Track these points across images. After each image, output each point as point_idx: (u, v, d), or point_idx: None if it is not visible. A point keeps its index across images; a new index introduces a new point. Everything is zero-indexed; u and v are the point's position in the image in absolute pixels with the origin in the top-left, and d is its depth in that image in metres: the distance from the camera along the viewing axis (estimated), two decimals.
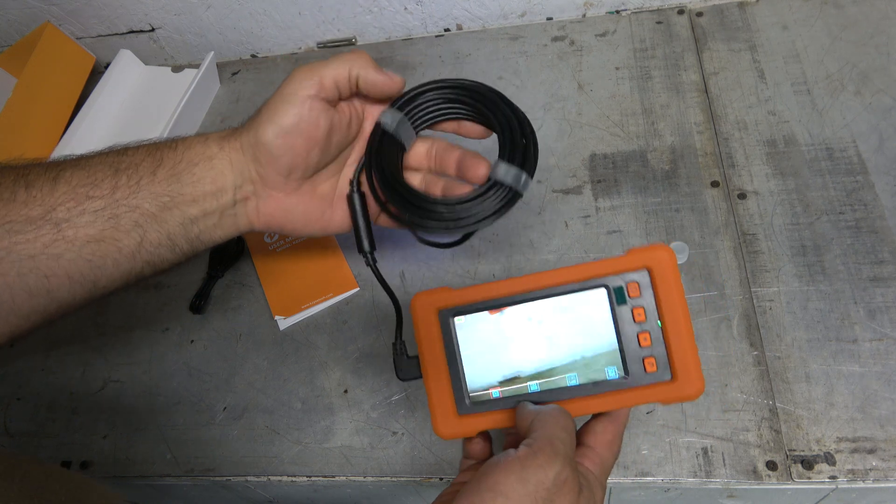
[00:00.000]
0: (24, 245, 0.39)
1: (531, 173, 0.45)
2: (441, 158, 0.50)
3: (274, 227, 0.48)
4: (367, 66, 0.46)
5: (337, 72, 0.45)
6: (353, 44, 0.85)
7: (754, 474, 0.49)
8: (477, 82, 0.49)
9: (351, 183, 0.49)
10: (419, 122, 0.49)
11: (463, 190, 0.48)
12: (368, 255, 0.49)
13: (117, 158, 0.43)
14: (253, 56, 0.89)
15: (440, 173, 0.51)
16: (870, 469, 0.47)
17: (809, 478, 0.48)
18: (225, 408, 0.60)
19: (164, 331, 0.65)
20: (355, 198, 0.49)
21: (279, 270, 0.66)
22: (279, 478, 0.55)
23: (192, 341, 0.64)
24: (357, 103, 0.49)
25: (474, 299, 0.41)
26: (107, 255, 0.42)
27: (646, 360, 0.39)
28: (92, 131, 0.81)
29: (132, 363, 0.64)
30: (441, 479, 0.53)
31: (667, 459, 0.50)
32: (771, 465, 0.49)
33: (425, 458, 0.54)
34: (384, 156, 0.48)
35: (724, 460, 0.49)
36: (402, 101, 0.49)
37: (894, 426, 0.49)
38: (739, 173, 0.62)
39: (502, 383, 0.41)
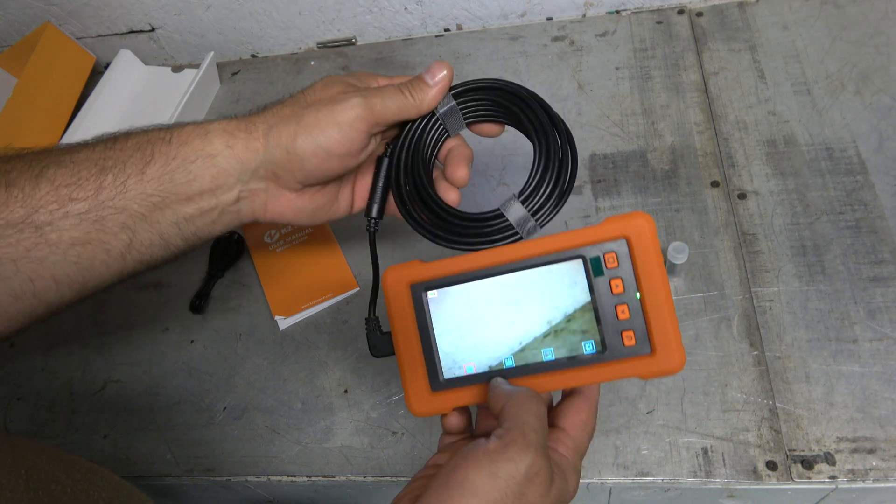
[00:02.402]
0: (6, 249, 0.37)
1: (542, 223, 0.42)
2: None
3: (280, 221, 0.47)
4: (412, 112, 0.45)
5: (394, 115, 0.44)
6: (353, 44, 0.86)
7: (754, 474, 0.49)
8: (546, 105, 0.44)
9: (387, 146, 0.47)
10: (471, 115, 0.46)
11: (449, 195, 0.46)
12: (373, 221, 0.48)
13: (104, 153, 0.41)
14: (253, 56, 0.89)
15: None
16: (870, 469, 0.47)
17: (809, 478, 0.48)
18: (225, 408, 0.60)
19: (164, 331, 0.65)
20: (384, 162, 0.47)
21: (279, 270, 0.66)
22: (279, 478, 0.55)
23: (192, 341, 0.64)
24: None
25: (447, 272, 0.40)
26: (94, 257, 0.40)
27: (624, 334, 0.38)
28: (92, 131, 0.80)
29: (132, 363, 0.64)
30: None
31: (667, 459, 0.50)
32: (771, 465, 0.49)
33: (425, 458, 0.54)
34: (424, 135, 0.46)
35: (724, 460, 0.49)
36: (458, 90, 0.46)
37: (894, 426, 0.49)
38: (739, 173, 0.62)
39: (476, 358, 0.40)
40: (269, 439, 0.57)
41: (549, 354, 0.39)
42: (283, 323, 0.63)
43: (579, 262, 0.39)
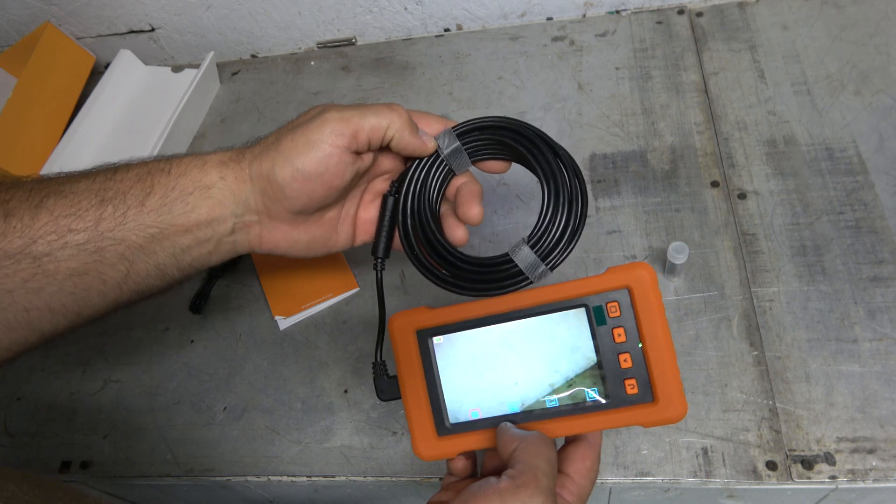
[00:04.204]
0: (2, 280, 0.37)
1: (553, 266, 0.41)
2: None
3: (277, 252, 0.46)
4: (404, 129, 0.42)
5: (373, 128, 0.41)
6: (353, 44, 0.86)
7: (754, 474, 0.49)
8: (552, 143, 0.43)
9: (392, 184, 0.46)
10: (476, 154, 0.45)
11: (456, 232, 0.45)
12: (380, 262, 0.46)
13: (104, 184, 0.40)
14: (253, 56, 0.89)
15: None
16: (870, 469, 0.47)
17: (809, 478, 0.48)
18: (225, 408, 0.60)
19: (164, 331, 0.65)
20: (390, 201, 0.46)
21: (279, 270, 0.66)
22: (279, 478, 0.55)
23: (192, 341, 0.64)
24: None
25: (453, 319, 0.41)
26: (91, 288, 0.40)
27: (626, 382, 0.39)
28: (92, 131, 0.81)
29: (132, 363, 0.64)
30: (440, 479, 0.53)
31: (667, 459, 0.50)
32: (771, 465, 0.49)
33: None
34: (429, 177, 0.45)
35: (724, 460, 0.49)
36: (462, 129, 0.45)
37: (894, 426, 0.49)
38: (739, 173, 0.62)
39: (481, 404, 0.40)
40: (269, 439, 0.57)
41: (553, 401, 0.40)
42: (283, 323, 0.63)
43: (582, 310, 0.39)
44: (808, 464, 0.48)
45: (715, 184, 0.62)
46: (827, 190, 0.60)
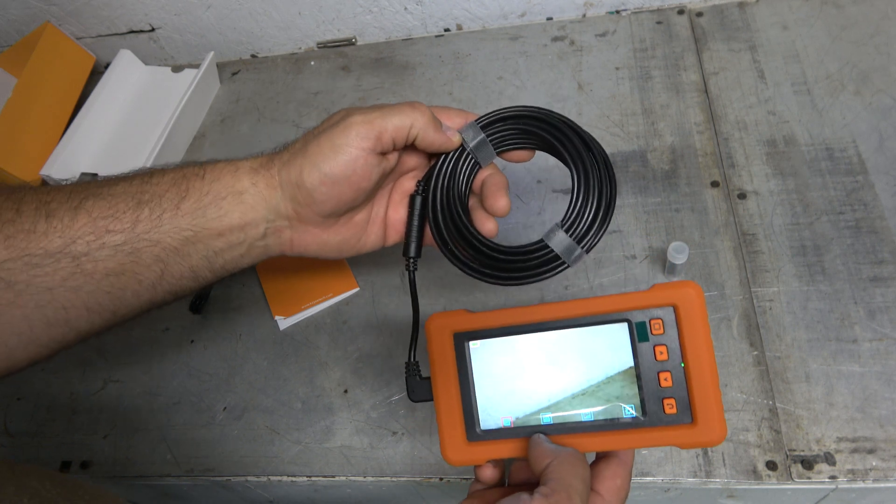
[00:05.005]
0: (43, 278, 0.38)
1: (588, 248, 0.42)
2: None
3: (307, 255, 0.47)
4: (428, 127, 0.43)
5: (397, 128, 0.42)
6: (353, 44, 0.86)
7: (754, 474, 0.49)
8: (577, 128, 0.44)
9: (418, 183, 0.47)
10: (502, 145, 0.46)
11: (486, 224, 0.45)
12: (412, 261, 0.46)
13: (141, 188, 0.41)
14: (253, 56, 0.89)
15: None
16: (870, 469, 0.47)
17: (809, 478, 0.48)
18: (225, 408, 0.60)
19: (164, 331, 0.65)
20: (418, 200, 0.46)
21: (279, 270, 0.66)
22: (279, 478, 0.55)
23: (192, 341, 0.64)
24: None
25: (492, 324, 0.40)
26: (126, 288, 0.41)
27: (665, 401, 0.38)
28: (92, 131, 0.81)
29: (132, 363, 0.64)
30: (441, 479, 0.53)
31: (667, 459, 0.50)
32: (771, 465, 0.49)
33: (425, 458, 0.54)
34: (456, 171, 0.45)
35: (724, 460, 0.49)
36: (486, 121, 0.45)
37: (894, 426, 0.49)
38: (739, 173, 0.62)
39: (514, 412, 0.40)
40: (269, 439, 0.57)
41: (588, 415, 0.39)
42: (283, 323, 0.63)
43: (624, 325, 0.39)
44: (808, 464, 0.48)
45: (715, 184, 0.62)
46: (827, 190, 0.60)
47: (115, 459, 0.59)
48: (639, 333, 0.38)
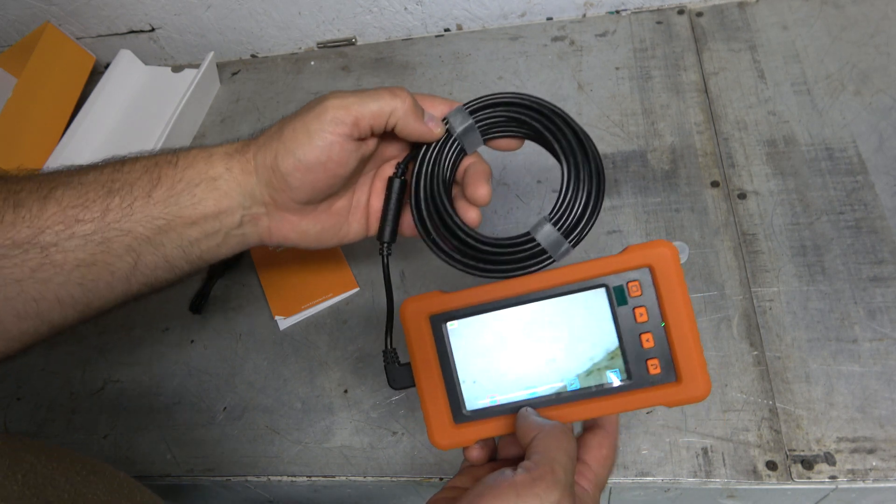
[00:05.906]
0: (11, 269, 0.37)
1: (575, 244, 0.41)
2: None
3: (287, 244, 0.46)
4: (409, 115, 0.41)
5: (374, 115, 0.41)
6: (353, 44, 0.86)
7: (754, 474, 0.49)
8: (569, 119, 0.42)
9: (397, 166, 0.45)
10: (490, 132, 0.44)
11: (468, 213, 0.44)
12: (385, 246, 0.45)
13: (112, 175, 0.40)
14: (253, 56, 0.89)
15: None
16: (870, 469, 0.47)
17: (809, 478, 0.48)
18: (225, 408, 0.60)
19: (164, 331, 0.65)
20: (395, 183, 0.45)
21: (279, 270, 0.66)
22: (279, 478, 0.55)
23: (192, 341, 0.64)
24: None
25: (467, 303, 0.40)
26: (99, 279, 0.40)
27: (649, 362, 0.38)
28: (92, 131, 0.81)
29: (132, 363, 0.64)
30: (441, 479, 0.53)
31: (667, 459, 0.50)
32: (771, 465, 0.49)
33: (425, 458, 0.54)
34: (441, 158, 0.44)
35: (724, 460, 0.49)
36: (475, 106, 0.44)
37: (894, 426, 0.49)
38: (739, 173, 0.62)
39: (499, 389, 0.39)
40: (269, 439, 0.57)
41: (574, 384, 0.39)
42: (283, 323, 0.63)
43: (602, 291, 0.39)
44: (808, 464, 0.48)
45: (715, 184, 0.62)
46: (827, 190, 0.60)
47: (115, 459, 0.59)
48: (617, 297, 0.38)
